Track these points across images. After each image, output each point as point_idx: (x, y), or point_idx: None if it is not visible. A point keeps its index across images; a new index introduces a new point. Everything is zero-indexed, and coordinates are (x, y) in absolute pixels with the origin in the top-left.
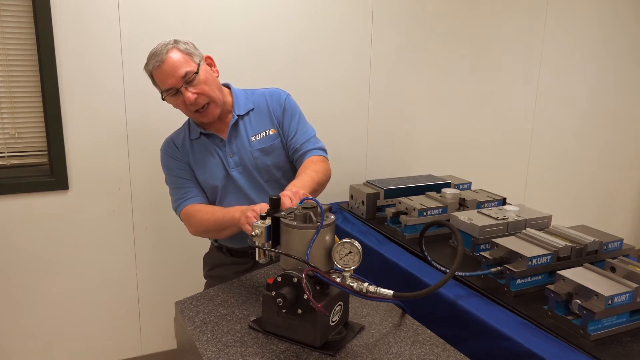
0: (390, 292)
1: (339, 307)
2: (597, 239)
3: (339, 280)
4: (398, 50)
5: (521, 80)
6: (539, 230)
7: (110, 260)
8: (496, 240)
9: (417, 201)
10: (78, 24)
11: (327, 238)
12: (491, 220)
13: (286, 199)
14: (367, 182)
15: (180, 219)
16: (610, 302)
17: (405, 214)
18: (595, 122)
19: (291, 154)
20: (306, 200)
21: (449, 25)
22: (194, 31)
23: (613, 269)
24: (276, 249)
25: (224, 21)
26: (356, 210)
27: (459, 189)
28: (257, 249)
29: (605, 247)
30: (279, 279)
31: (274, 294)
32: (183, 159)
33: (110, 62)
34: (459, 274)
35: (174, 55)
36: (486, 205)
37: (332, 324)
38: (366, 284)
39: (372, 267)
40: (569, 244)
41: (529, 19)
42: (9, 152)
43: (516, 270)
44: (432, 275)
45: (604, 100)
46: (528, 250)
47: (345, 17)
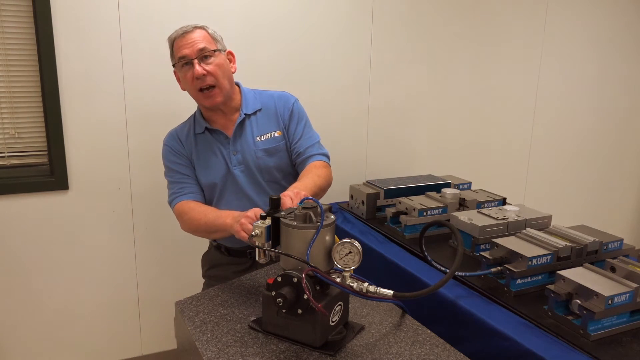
0: (390, 292)
1: (339, 307)
2: (597, 239)
3: (339, 280)
4: (398, 50)
5: (521, 81)
6: (539, 230)
7: (110, 260)
8: (496, 240)
9: (417, 201)
10: (78, 24)
11: (327, 238)
12: (491, 220)
13: (287, 199)
14: (367, 182)
15: (171, 206)
16: (610, 302)
17: (405, 214)
18: (596, 122)
19: (294, 158)
20: (306, 200)
21: (449, 26)
22: None
23: (613, 269)
24: (276, 249)
25: (224, 24)
26: (356, 210)
27: (459, 189)
28: (257, 249)
29: (605, 247)
30: (279, 279)
31: (274, 294)
32: (185, 154)
33: (110, 62)
34: (459, 274)
35: (199, 31)
36: (486, 205)
37: (332, 324)
38: (366, 284)
39: (372, 267)
40: (569, 244)
41: (529, 19)
42: (9, 152)
43: (516, 270)
44: (432, 275)
45: (604, 100)
46: (528, 250)
47: (345, 17)
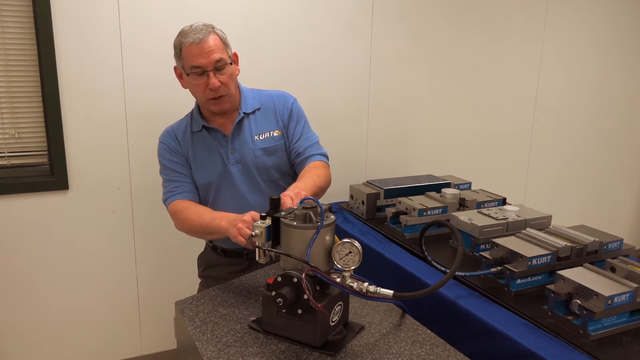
0: (390, 292)
1: (339, 307)
2: (597, 239)
3: (339, 280)
4: (398, 50)
5: (521, 80)
6: (539, 230)
7: (110, 260)
8: (496, 240)
9: (417, 201)
10: (78, 24)
11: (327, 238)
12: (491, 220)
13: (287, 199)
14: (367, 182)
15: (166, 205)
16: (610, 302)
17: (405, 214)
18: (596, 122)
19: (293, 158)
20: (306, 200)
21: (449, 26)
22: None
23: (613, 269)
24: (276, 249)
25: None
26: (356, 210)
27: (459, 189)
28: (257, 249)
29: (605, 247)
30: (279, 279)
31: (274, 294)
32: (181, 152)
33: (110, 62)
34: (459, 274)
35: (213, 38)
36: (486, 205)
37: (332, 324)
38: (366, 284)
39: (372, 267)
40: (569, 244)
41: (529, 18)
42: (9, 152)
43: (516, 270)
44: (432, 275)
45: (604, 100)
46: (528, 250)
47: (346, 17)
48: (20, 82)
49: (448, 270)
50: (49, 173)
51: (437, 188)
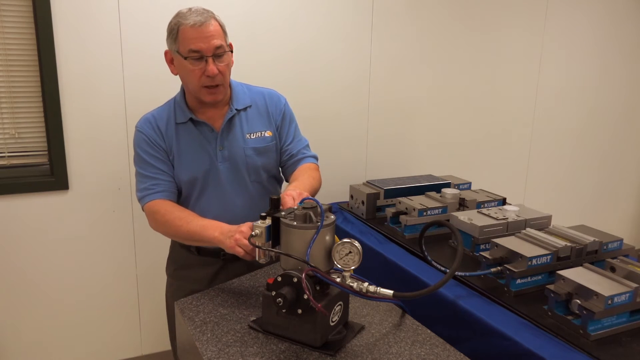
0: (390, 292)
1: (339, 307)
2: (597, 239)
3: (339, 280)
4: (398, 49)
5: (521, 81)
6: (539, 230)
7: (110, 260)
8: (496, 240)
9: (417, 201)
10: (78, 24)
11: (327, 238)
12: (491, 220)
13: (289, 199)
14: (367, 182)
15: (141, 205)
16: (610, 302)
17: (405, 214)
18: (596, 122)
19: (285, 159)
20: (306, 200)
21: (448, 25)
22: None
23: (613, 269)
24: (276, 249)
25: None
26: (356, 210)
27: (459, 189)
28: (257, 249)
29: (605, 247)
30: (279, 279)
31: (274, 294)
32: (163, 146)
33: (110, 62)
34: (459, 274)
35: (214, 24)
36: (486, 205)
37: (332, 324)
38: (366, 284)
39: (372, 267)
40: (568, 244)
41: (529, 18)
42: (9, 152)
43: (516, 270)
44: (432, 275)
45: (604, 101)
46: (528, 250)
47: (346, 17)
48: (20, 82)
49: (448, 270)
50: (49, 173)
51: (437, 188)
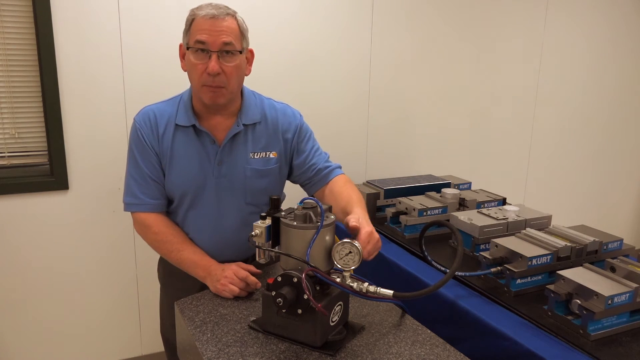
0: (390, 292)
1: (339, 307)
2: (597, 239)
3: (339, 280)
4: (398, 49)
5: (521, 80)
6: (539, 230)
7: (110, 261)
8: (496, 240)
9: (417, 201)
10: (78, 24)
11: (327, 238)
12: (491, 220)
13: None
14: (367, 182)
15: (126, 210)
16: (610, 302)
17: (405, 214)
18: (596, 122)
19: (311, 175)
20: (306, 201)
21: (448, 25)
22: None
23: (613, 269)
24: (276, 249)
25: None
26: None
27: (459, 189)
28: (257, 249)
29: (605, 247)
30: (279, 279)
31: (274, 294)
32: (156, 150)
33: (110, 62)
34: (459, 274)
35: (230, 20)
36: (486, 205)
37: (332, 324)
38: (366, 284)
39: (372, 267)
40: (569, 244)
41: (529, 19)
42: (9, 152)
43: (516, 270)
44: (432, 275)
45: (604, 101)
46: (528, 250)
47: (346, 16)
48: (20, 82)
49: (448, 270)
50: (49, 173)
51: (437, 188)
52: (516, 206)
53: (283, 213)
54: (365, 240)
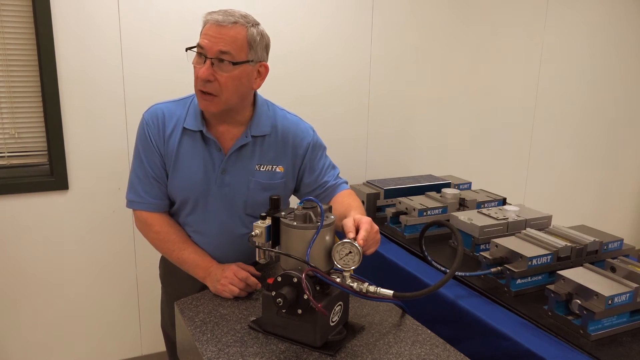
0: (390, 292)
1: (339, 307)
2: (597, 239)
3: (339, 280)
4: (398, 50)
5: (521, 81)
6: (539, 230)
7: (110, 261)
8: (496, 240)
9: (417, 201)
10: (78, 24)
11: (327, 238)
12: (491, 220)
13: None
14: (367, 182)
15: (129, 207)
16: (610, 302)
17: (405, 214)
18: (596, 122)
19: (320, 192)
20: (306, 201)
21: (448, 26)
22: (193, 33)
23: (613, 269)
24: (276, 249)
25: None
26: None
27: (459, 189)
28: (257, 249)
29: (605, 247)
30: (279, 279)
31: (274, 294)
32: (161, 151)
33: (110, 62)
34: (459, 274)
35: (237, 30)
36: (486, 205)
37: (332, 324)
38: (366, 284)
39: (372, 267)
40: (569, 244)
41: (529, 18)
42: (9, 152)
43: (516, 270)
44: (432, 275)
45: (604, 101)
46: (528, 250)
47: (346, 16)
48: (20, 82)
49: (448, 270)
50: (49, 173)
51: (437, 188)
52: (516, 206)
53: (283, 213)
54: (367, 229)
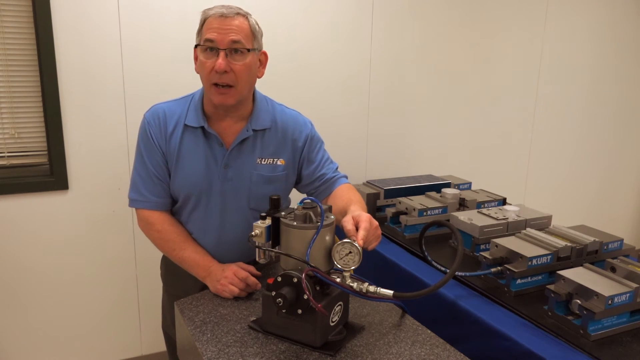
0: (390, 292)
1: (339, 307)
2: (597, 239)
3: (339, 280)
4: (398, 50)
5: (521, 80)
6: (539, 230)
7: (110, 261)
8: (496, 240)
9: (417, 201)
10: (78, 24)
11: (327, 238)
12: (491, 220)
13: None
14: (367, 182)
15: (131, 206)
16: (610, 302)
17: (405, 214)
18: (596, 122)
19: (318, 185)
20: (306, 201)
21: (449, 26)
22: (194, 32)
23: (613, 269)
24: (276, 249)
25: None
26: None
27: (459, 189)
28: (257, 249)
29: (605, 247)
30: (279, 279)
31: (274, 294)
32: (162, 150)
33: (110, 61)
34: (459, 274)
35: (240, 19)
36: (486, 205)
37: (332, 324)
38: (366, 284)
39: (372, 267)
40: (569, 244)
41: (529, 19)
42: (9, 152)
43: (516, 270)
44: (432, 275)
45: (604, 101)
46: (528, 250)
47: (346, 16)
48: (20, 82)
49: (448, 270)
50: (49, 173)
51: (437, 188)
52: (516, 206)
53: (283, 213)
54: (366, 228)
